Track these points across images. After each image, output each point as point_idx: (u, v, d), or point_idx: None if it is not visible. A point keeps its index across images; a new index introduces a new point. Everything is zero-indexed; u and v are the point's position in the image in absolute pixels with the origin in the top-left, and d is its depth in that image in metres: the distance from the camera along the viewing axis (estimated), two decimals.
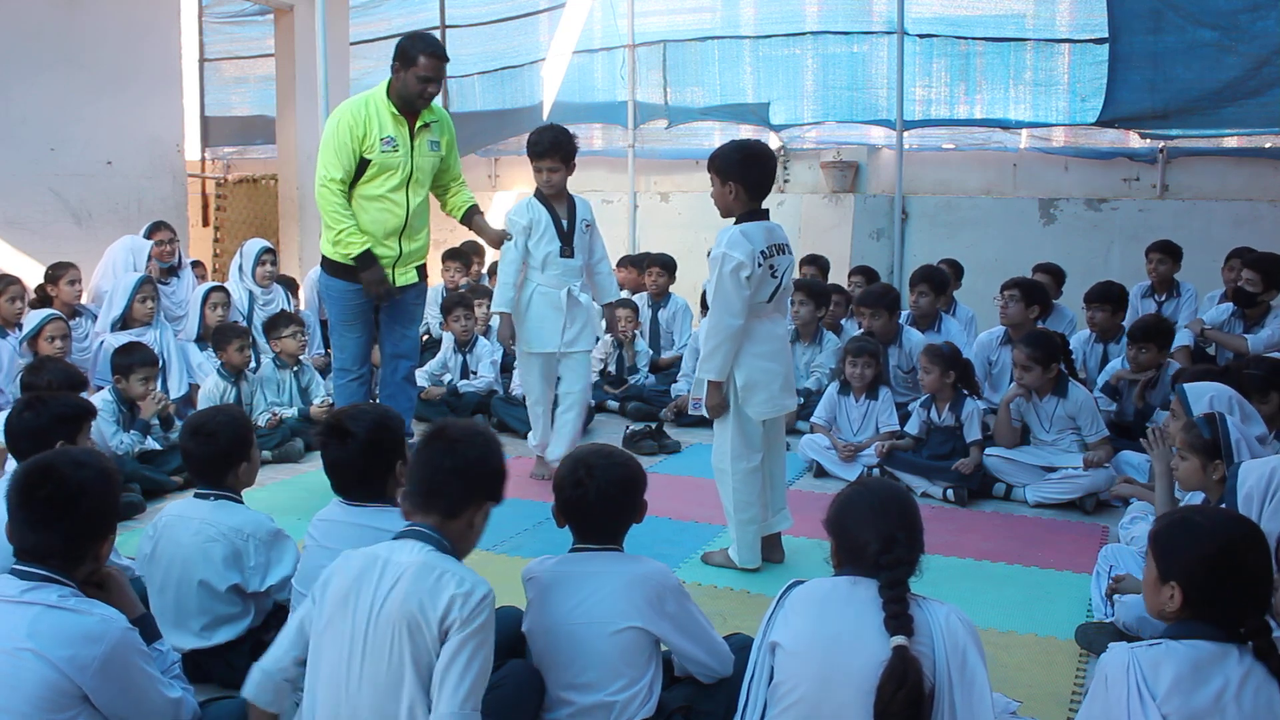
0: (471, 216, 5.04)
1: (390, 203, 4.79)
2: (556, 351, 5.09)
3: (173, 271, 6.83)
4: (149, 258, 6.48)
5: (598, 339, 6.48)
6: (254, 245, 7.11)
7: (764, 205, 3.90)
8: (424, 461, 2.37)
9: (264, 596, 3.12)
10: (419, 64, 4.67)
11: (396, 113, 4.74)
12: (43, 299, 6.11)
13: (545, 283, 5.02)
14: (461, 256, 8.02)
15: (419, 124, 4.81)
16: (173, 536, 3.07)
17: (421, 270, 5.09)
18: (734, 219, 3.86)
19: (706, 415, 3.97)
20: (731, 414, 3.90)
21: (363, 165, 4.73)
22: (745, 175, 3.80)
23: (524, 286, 5.04)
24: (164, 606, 3.06)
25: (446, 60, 4.84)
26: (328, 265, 4.92)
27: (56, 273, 6.12)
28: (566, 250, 5.01)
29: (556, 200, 5.02)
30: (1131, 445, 5.10)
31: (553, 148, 4.93)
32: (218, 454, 3.11)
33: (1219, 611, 2.08)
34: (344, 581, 2.25)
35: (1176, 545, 2.16)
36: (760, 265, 3.75)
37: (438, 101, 4.96)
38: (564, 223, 5.02)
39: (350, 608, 2.22)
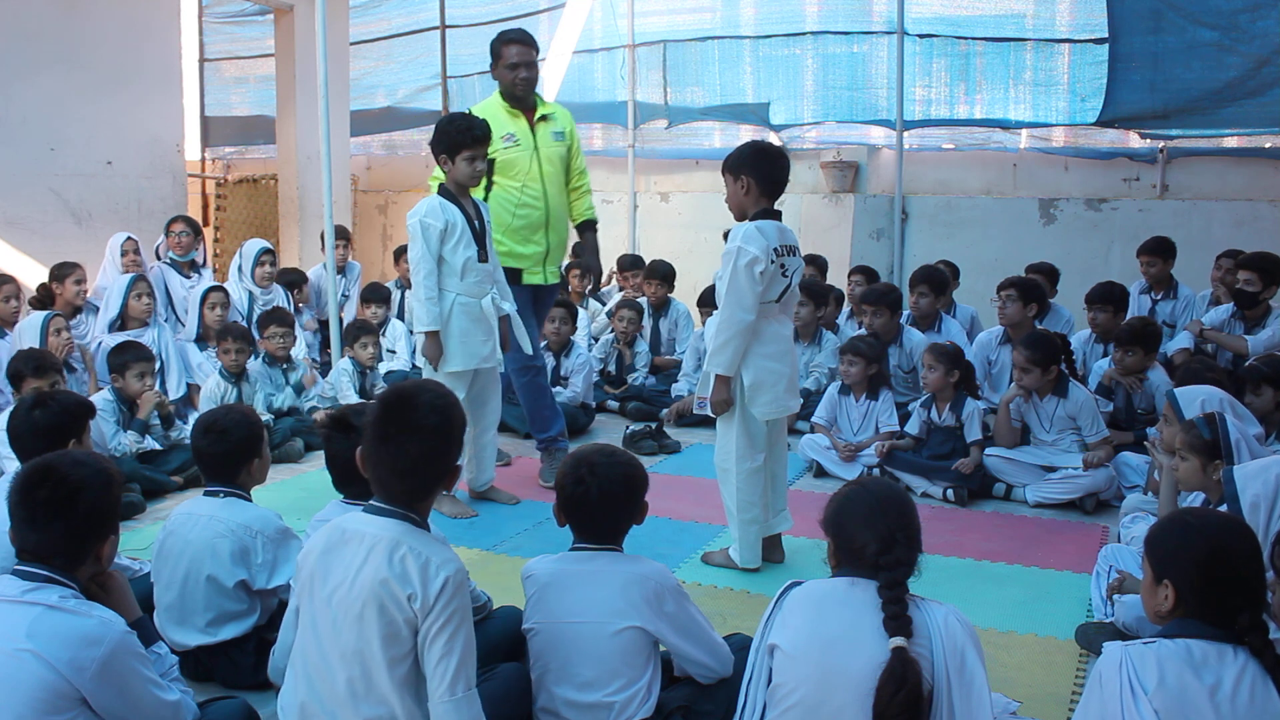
0: (584, 231, 5.07)
1: (529, 197, 4.94)
2: (479, 367, 4.66)
3: (193, 266, 6.91)
4: (123, 253, 6.56)
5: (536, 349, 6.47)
6: (253, 246, 7.12)
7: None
8: (380, 467, 2.29)
9: (270, 594, 3.12)
10: (504, 54, 4.89)
11: (512, 110, 4.90)
12: (45, 298, 6.10)
13: (465, 292, 4.51)
14: None
15: (537, 116, 4.94)
16: (182, 533, 3.08)
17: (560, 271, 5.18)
18: (747, 218, 3.87)
19: (711, 414, 3.98)
20: (737, 414, 3.90)
21: (491, 166, 4.92)
22: (758, 170, 3.83)
23: (440, 298, 4.52)
24: (170, 602, 3.07)
25: (532, 44, 4.91)
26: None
27: (63, 272, 6.13)
28: (483, 254, 4.56)
29: (464, 199, 4.56)
30: (1129, 445, 5.12)
31: (487, 136, 4.50)
32: (230, 451, 3.13)
33: (1212, 611, 2.09)
34: (312, 558, 2.28)
35: (1170, 546, 2.17)
36: (773, 262, 3.77)
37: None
38: (476, 224, 4.56)
39: (319, 582, 2.25)
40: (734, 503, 3.97)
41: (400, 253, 8.09)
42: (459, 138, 4.43)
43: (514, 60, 4.91)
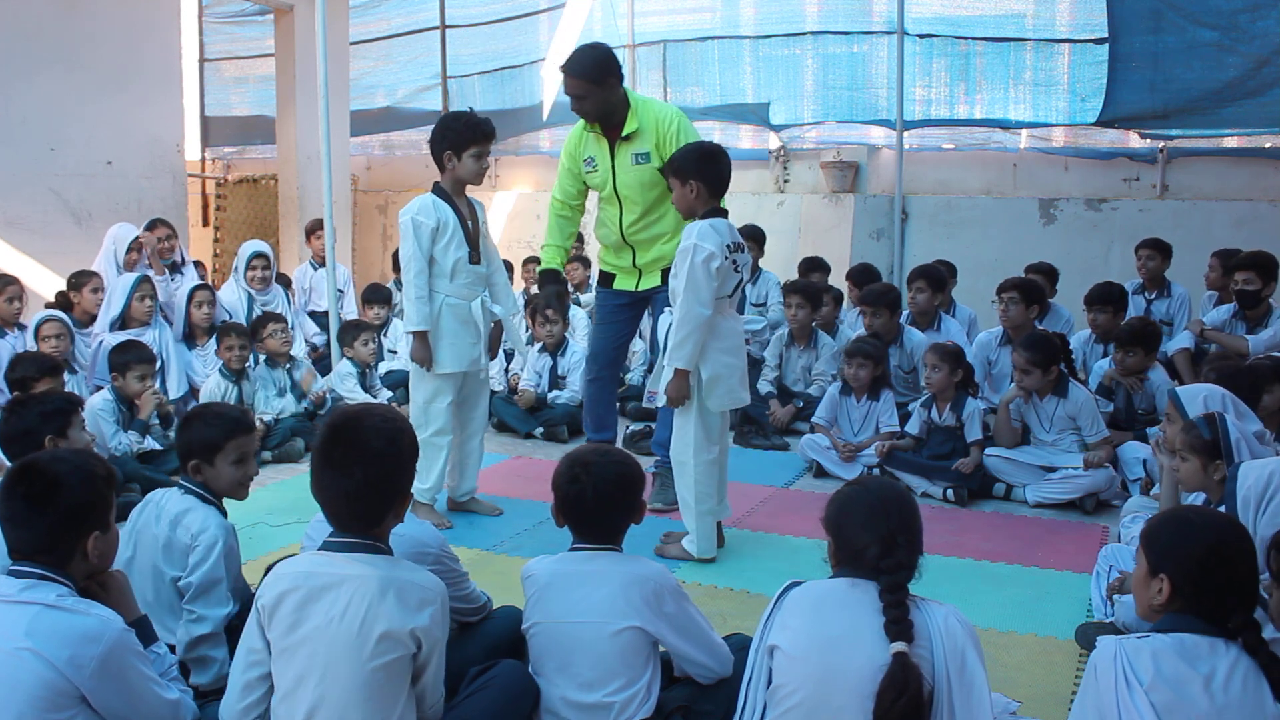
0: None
1: (607, 217, 4.84)
2: (466, 371, 4.53)
3: (175, 269, 6.87)
4: (129, 248, 6.51)
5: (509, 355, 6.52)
6: (247, 249, 7.11)
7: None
8: (324, 490, 2.28)
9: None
10: (564, 84, 4.61)
11: (599, 133, 4.70)
12: (63, 305, 6.09)
13: (454, 293, 4.42)
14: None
15: (620, 137, 4.64)
16: (142, 538, 3.02)
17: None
18: (697, 217, 3.97)
19: (657, 406, 4.05)
20: (694, 406, 4.00)
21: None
22: (703, 172, 3.93)
23: (430, 298, 4.42)
24: (145, 600, 3.03)
25: (575, 72, 4.54)
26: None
27: (81, 280, 6.11)
28: (475, 256, 4.45)
29: (459, 198, 4.44)
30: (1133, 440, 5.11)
31: (492, 133, 4.40)
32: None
33: (1206, 608, 2.11)
34: (290, 607, 2.22)
35: (1167, 541, 2.19)
36: (727, 258, 3.88)
37: (657, 101, 4.83)
38: (469, 225, 4.44)
39: (301, 634, 2.21)
40: (691, 494, 4.05)
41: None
42: (466, 133, 4.32)
43: (568, 91, 4.62)
